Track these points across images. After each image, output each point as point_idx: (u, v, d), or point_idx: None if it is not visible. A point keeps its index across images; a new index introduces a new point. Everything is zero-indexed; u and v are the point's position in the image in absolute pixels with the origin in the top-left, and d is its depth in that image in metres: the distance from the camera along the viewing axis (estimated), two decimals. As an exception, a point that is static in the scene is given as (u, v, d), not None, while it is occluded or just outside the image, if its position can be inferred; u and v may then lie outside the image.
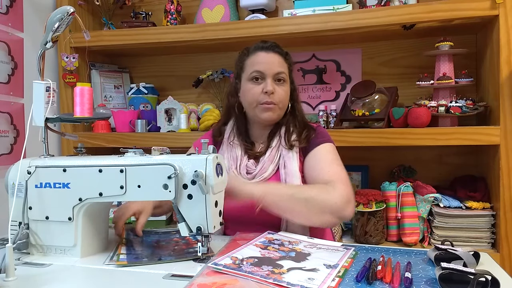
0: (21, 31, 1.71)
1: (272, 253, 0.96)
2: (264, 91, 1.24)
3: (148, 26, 1.88)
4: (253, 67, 1.26)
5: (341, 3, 1.65)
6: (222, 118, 1.41)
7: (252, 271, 0.83)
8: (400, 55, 1.83)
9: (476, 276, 0.75)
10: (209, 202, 0.93)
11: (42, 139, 1.11)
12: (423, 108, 1.51)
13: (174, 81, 2.11)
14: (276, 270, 0.85)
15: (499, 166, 1.43)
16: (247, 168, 1.27)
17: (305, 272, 0.85)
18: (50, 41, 1.10)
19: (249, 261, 0.90)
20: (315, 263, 0.90)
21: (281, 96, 1.26)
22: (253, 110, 1.27)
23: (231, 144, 1.32)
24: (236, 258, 0.90)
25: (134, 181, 0.97)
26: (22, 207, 1.04)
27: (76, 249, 1.03)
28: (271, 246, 1.01)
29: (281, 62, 1.27)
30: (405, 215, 1.55)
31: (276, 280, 0.79)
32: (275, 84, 1.25)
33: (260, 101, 1.25)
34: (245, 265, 0.87)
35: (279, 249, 0.99)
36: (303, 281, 0.79)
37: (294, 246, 1.03)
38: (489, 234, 1.49)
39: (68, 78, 1.88)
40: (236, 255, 0.92)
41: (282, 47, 1.30)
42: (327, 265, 0.89)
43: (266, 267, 0.86)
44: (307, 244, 1.04)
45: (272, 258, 0.92)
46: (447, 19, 1.48)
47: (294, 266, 0.88)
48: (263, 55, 1.27)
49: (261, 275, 0.81)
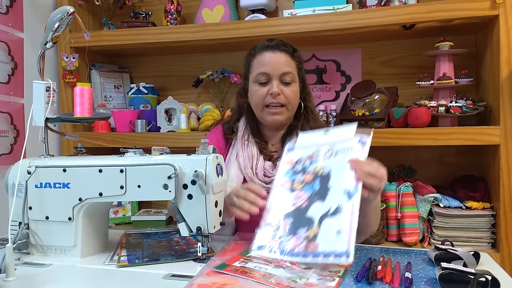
0: (21, 31, 1.71)
1: (300, 196, 0.98)
2: (270, 92, 1.21)
3: (148, 26, 1.88)
4: (259, 69, 1.24)
5: (341, 3, 1.65)
6: (234, 116, 1.37)
7: (291, 248, 0.91)
8: (400, 55, 1.83)
9: (476, 276, 0.75)
10: (209, 202, 0.93)
11: (42, 139, 1.11)
12: (423, 108, 1.51)
13: (174, 81, 2.11)
14: (310, 234, 0.91)
15: (499, 166, 1.43)
16: (265, 170, 1.24)
17: (332, 221, 0.90)
18: (50, 41, 1.11)
19: (286, 227, 0.95)
20: (337, 193, 0.93)
21: (289, 97, 1.23)
22: (260, 113, 1.26)
23: (246, 142, 1.28)
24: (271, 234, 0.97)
25: (134, 181, 0.97)
26: (22, 207, 1.04)
27: (76, 249, 1.03)
28: (296, 181, 1.02)
29: (288, 61, 1.24)
30: (405, 215, 1.55)
31: (313, 253, 0.88)
32: (282, 85, 1.22)
33: (266, 103, 1.22)
34: (283, 237, 0.94)
35: (304, 180, 1.01)
36: (334, 241, 0.87)
37: (315, 164, 1.02)
38: (489, 234, 1.49)
39: (68, 78, 1.88)
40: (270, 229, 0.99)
41: (290, 44, 1.28)
42: (347, 193, 0.92)
43: (302, 229, 0.93)
44: (326, 152, 1.03)
45: (301, 208, 0.96)
46: (447, 19, 1.48)
47: (323, 211, 0.93)
48: (269, 55, 1.24)
49: (297, 253, 0.90)
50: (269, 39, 1.28)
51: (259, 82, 1.24)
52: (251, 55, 1.29)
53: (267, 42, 1.27)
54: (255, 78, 1.25)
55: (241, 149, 1.28)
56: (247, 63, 1.30)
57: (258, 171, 1.23)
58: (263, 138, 1.31)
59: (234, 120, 1.35)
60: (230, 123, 1.35)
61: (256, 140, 1.29)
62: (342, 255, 0.85)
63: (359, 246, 1.10)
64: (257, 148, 1.27)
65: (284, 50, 1.25)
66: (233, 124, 1.34)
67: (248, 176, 1.24)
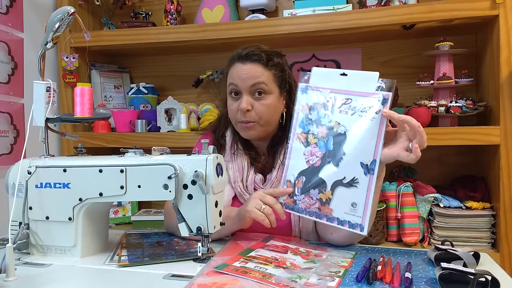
0: (21, 31, 1.71)
1: (314, 153, 0.98)
2: (239, 109, 1.16)
3: (148, 26, 1.88)
4: (230, 80, 1.19)
5: (341, 3, 1.65)
6: (220, 129, 1.30)
7: (305, 207, 0.92)
8: (400, 55, 1.83)
9: (476, 276, 0.75)
10: (209, 202, 0.93)
11: (42, 139, 1.11)
12: (423, 108, 1.51)
13: (174, 81, 2.11)
14: (323, 197, 0.93)
15: (499, 166, 1.43)
16: (255, 184, 1.21)
17: (347, 192, 0.91)
18: (51, 41, 1.11)
19: (299, 185, 0.97)
20: (353, 163, 0.92)
21: (260, 112, 1.16)
22: (236, 127, 1.21)
23: (234, 154, 1.24)
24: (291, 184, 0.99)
25: (134, 181, 0.97)
26: (22, 207, 1.04)
27: (76, 249, 1.03)
28: (310, 134, 0.99)
29: (260, 72, 1.15)
30: (405, 215, 1.55)
31: (327, 216, 0.90)
32: (253, 99, 1.16)
33: (239, 120, 1.18)
34: (298, 196, 0.96)
35: (318, 134, 0.98)
36: (348, 211, 0.89)
37: (330, 116, 0.97)
38: (489, 234, 1.49)
39: (68, 78, 1.88)
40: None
41: (268, 50, 1.19)
42: (365, 166, 0.91)
43: (314, 190, 0.94)
44: (342, 102, 0.97)
45: (315, 167, 0.97)
46: (447, 19, 1.48)
47: (336, 178, 0.93)
48: (239, 67, 1.17)
49: (311, 212, 0.92)
50: (243, 47, 1.19)
51: (231, 95, 1.19)
52: (228, 65, 1.22)
53: (240, 51, 1.18)
54: (228, 90, 1.20)
55: (231, 160, 1.24)
56: (226, 73, 1.24)
57: (248, 184, 1.20)
58: (253, 148, 1.26)
59: (222, 132, 1.29)
60: (218, 134, 1.30)
61: (246, 151, 1.24)
62: (357, 227, 0.87)
63: (359, 246, 1.10)
64: (247, 159, 1.23)
65: (255, 60, 1.16)
66: (221, 136, 1.29)
67: (237, 191, 1.21)
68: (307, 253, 1.01)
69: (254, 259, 0.94)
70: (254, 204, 1.04)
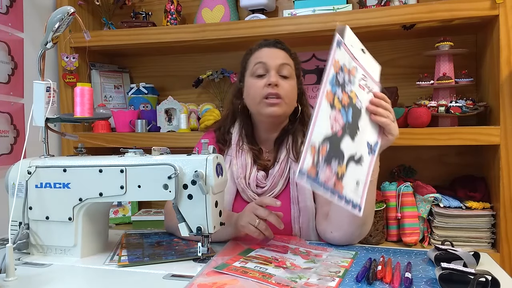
0: (21, 31, 1.71)
1: (338, 120, 0.90)
2: (267, 83, 1.17)
3: (148, 26, 1.88)
4: (256, 60, 1.22)
5: (341, 3, 1.65)
6: (226, 125, 1.32)
7: (324, 180, 0.83)
8: (400, 55, 1.83)
9: (476, 276, 0.75)
10: (209, 202, 0.93)
11: (42, 139, 1.11)
12: (423, 108, 1.51)
13: (174, 81, 2.11)
14: (339, 171, 0.85)
15: (499, 166, 1.43)
16: (257, 181, 1.21)
17: (355, 169, 0.89)
18: (51, 41, 1.11)
19: (323, 152, 0.87)
20: (362, 140, 0.92)
21: (287, 90, 1.19)
22: (257, 107, 1.20)
23: (240, 149, 1.25)
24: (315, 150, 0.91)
25: (134, 181, 0.97)
26: (22, 207, 1.04)
27: (76, 249, 1.03)
28: (336, 97, 0.90)
29: (285, 56, 1.23)
30: (405, 215, 1.55)
31: (338, 194, 0.84)
32: (279, 78, 1.19)
33: (264, 95, 1.17)
34: (320, 164, 0.84)
35: (342, 100, 0.91)
36: (353, 190, 0.86)
37: (352, 85, 0.94)
38: (489, 234, 1.49)
39: (68, 78, 1.88)
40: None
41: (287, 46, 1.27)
42: (369, 146, 0.93)
43: (335, 162, 0.86)
44: (361, 76, 0.97)
45: (338, 137, 0.88)
46: (447, 19, 1.48)
47: (350, 152, 0.89)
48: (266, 49, 1.24)
49: (327, 188, 0.83)
50: (265, 39, 1.28)
51: (257, 74, 1.21)
52: (247, 54, 1.28)
53: (264, 41, 1.27)
54: (252, 71, 1.22)
55: (235, 156, 1.25)
56: (244, 62, 1.28)
57: (251, 181, 1.21)
58: (257, 144, 1.28)
59: (228, 128, 1.31)
60: (223, 130, 1.31)
61: (251, 147, 1.25)
62: (356, 207, 0.85)
63: (359, 246, 1.10)
64: (251, 156, 1.24)
65: (281, 48, 1.25)
66: (226, 132, 1.30)
67: (240, 187, 1.22)
68: (307, 253, 1.01)
69: (254, 259, 0.94)
70: (248, 220, 1.04)
